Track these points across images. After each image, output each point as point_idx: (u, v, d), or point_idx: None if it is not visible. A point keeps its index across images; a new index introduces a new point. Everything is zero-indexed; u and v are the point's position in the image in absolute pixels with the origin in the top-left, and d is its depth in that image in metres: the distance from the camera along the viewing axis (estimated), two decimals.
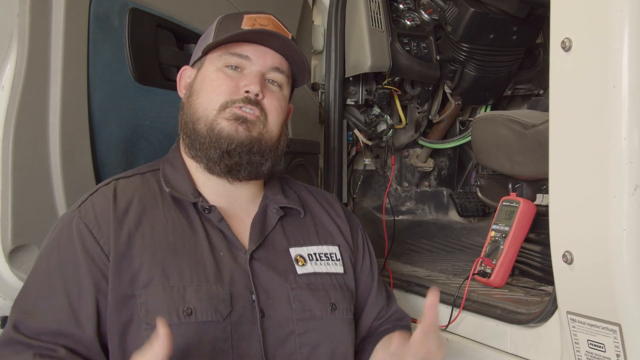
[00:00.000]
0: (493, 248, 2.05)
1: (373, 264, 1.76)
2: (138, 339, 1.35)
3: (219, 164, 1.51)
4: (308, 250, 1.61)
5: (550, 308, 1.59)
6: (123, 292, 1.39)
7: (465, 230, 3.28)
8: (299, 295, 1.52)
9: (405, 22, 2.89)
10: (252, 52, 1.56)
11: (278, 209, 1.62)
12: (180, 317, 1.37)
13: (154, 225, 1.47)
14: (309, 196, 1.75)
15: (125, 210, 1.47)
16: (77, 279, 1.39)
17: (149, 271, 1.40)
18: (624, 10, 1.24)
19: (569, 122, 1.39)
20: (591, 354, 1.42)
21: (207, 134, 1.51)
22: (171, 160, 1.62)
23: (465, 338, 1.92)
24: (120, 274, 1.39)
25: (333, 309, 1.54)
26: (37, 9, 1.66)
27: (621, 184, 1.26)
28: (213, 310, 1.40)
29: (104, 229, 1.42)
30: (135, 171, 1.60)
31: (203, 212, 1.52)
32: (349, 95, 2.84)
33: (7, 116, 1.63)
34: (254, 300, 1.45)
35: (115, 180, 1.55)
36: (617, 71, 1.26)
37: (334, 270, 1.62)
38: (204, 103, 1.53)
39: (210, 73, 1.56)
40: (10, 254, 1.63)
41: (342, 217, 1.74)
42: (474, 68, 2.90)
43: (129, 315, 1.39)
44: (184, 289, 1.40)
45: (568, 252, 1.40)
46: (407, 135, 3.26)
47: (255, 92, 1.52)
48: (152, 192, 1.53)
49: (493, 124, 2.24)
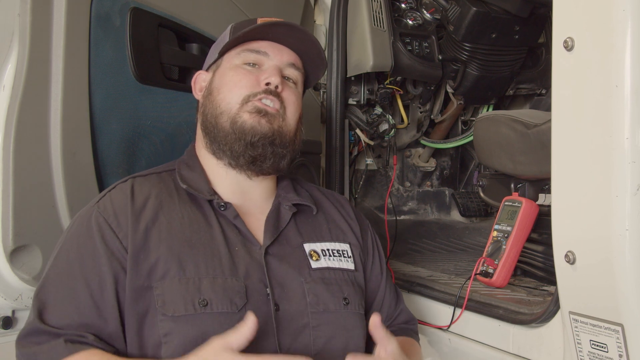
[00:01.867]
0: (495, 248, 2.04)
1: (382, 265, 1.79)
2: (154, 330, 1.39)
3: (244, 155, 1.54)
4: (321, 246, 1.64)
5: (552, 308, 1.59)
6: (140, 284, 1.41)
7: (467, 230, 3.28)
8: (314, 288, 1.54)
9: (407, 22, 2.88)
10: (270, 49, 1.60)
11: (291, 206, 1.64)
12: (196, 308, 1.40)
13: (171, 219, 1.50)
14: (320, 196, 1.78)
15: (142, 206, 1.50)
16: (98, 270, 1.41)
17: (166, 264, 1.43)
18: (627, 9, 1.24)
19: (571, 122, 1.39)
20: (594, 355, 1.42)
21: (230, 127, 1.54)
22: (186, 160, 1.65)
23: (467, 338, 1.92)
24: (137, 266, 1.42)
25: (346, 304, 1.57)
26: (38, 8, 1.66)
27: (624, 183, 1.26)
28: (228, 302, 1.42)
29: (122, 224, 1.45)
30: (152, 170, 1.63)
31: (218, 209, 1.55)
32: (351, 95, 2.84)
33: (8, 116, 1.63)
34: (269, 294, 1.48)
35: (132, 178, 1.58)
36: (620, 71, 1.25)
37: (345, 267, 1.65)
38: (226, 98, 1.57)
39: (228, 71, 1.60)
40: (11, 254, 1.64)
41: (352, 218, 1.77)
42: (476, 67, 2.90)
43: (145, 307, 1.41)
44: (199, 280, 1.43)
45: (570, 252, 1.40)
46: (409, 135, 3.27)
47: (275, 83, 1.56)
48: (168, 189, 1.57)
49: (495, 123, 2.23)
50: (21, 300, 1.70)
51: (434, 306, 2.06)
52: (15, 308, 1.73)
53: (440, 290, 2.08)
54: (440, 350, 2.00)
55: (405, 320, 1.80)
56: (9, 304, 1.70)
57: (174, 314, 1.39)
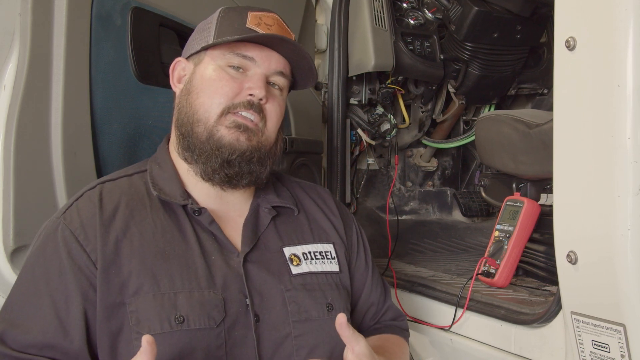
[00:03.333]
0: (497, 248, 2.04)
1: (368, 259, 1.73)
2: (129, 349, 1.32)
3: (219, 173, 1.46)
4: (302, 249, 1.57)
5: (554, 308, 1.59)
6: (112, 300, 1.34)
7: (469, 230, 3.28)
8: (295, 296, 1.48)
9: (409, 21, 2.88)
10: (258, 55, 1.50)
11: (270, 209, 1.58)
12: (172, 325, 1.34)
13: (142, 230, 1.42)
14: (302, 193, 1.71)
15: (112, 216, 1.42)
16: (64, 288, 1.34)
17: (139, 278, 1.36)
18: (629, 9, 1.23)
19: (573, 122, 1.38)
20: (595, 355, 1.41)
21: (206, 140, 1.45)
22: (159, 160, 1.56)
23: (468, 338, 1.92)
24: (108, 281, 1.35)
25: (329, 309, 1.51)
26: (39, 8, 1.66)
27: (626, 183, 1.26)
28: (206, 317, 1.37)
29: (90, 236, 1.37)
30: (122, 173, 1.55)
31: (193, 215, 1.48)
32: (352, 95, 2.83)
33: (9, 115, 1.62)
34: (248, 305, 1.42)
35: (101, 183, 1.49)
36: (622, 70, 1.25)
37: (329, 269, 1.59)
38: (204, 104, 1.47)
39: (211, 72, 1.49)
40: (12, 254, 1.63)
41: (335, 214, 1.71)
42: (478, 67, 2.90)
43: (119, 325, 1.35)
44: (175, 295, 1.37)
45: (572, 252, 1.40)
46: (410, 135, 3.26)
47: (260, 96, 1.47)
48: (139, 196, 1.48)
49: (497, 123, 2.23)
50: None
51: (436, 306, 2.06)
52: None
53: (442, 291, 2.08)
54: (442, 350, 2.00)
55: (392, 317, 1.75)
56: None
57: (149, 332, 1.29)
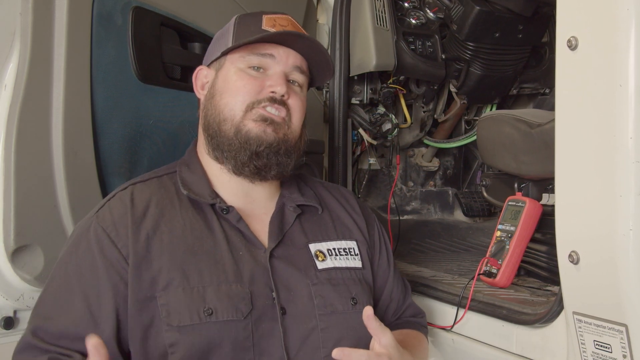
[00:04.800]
0: (499, 248, 2.04)
1: (390, 257, 1.79)
2: (160, 340, 1.39)
3: (248, 166, 1.52)
4: (327, 246, 1.63)
5: (556, 308, 1.58)
6: (143, 294, 1.40)
7: (470, 230, 3.27)
8: (320, 290, 1.53)
9: (411, 21, 2.87)
10: (276, 52, 1.57)
11: (295, 207, 1.64)
12: (201, 317, 1.39)
13: (172, 227, 1.48)
14: (325, 192, 1.77)
15: (142, 214, 1.48)
16: (96, 283, 1.40)
17: (169, 273, 1.42)
18: (630, 8, 1.23)
19: (575, 122, 1.38)
20: (597, 355, 1.41)
21: (234, 135, 1.52)
22: (187, 162, 1.63)
23: (470, 339, 1.91)
24: (140, 277, 1.41)
25: (354, 304, 1.56)
26: (40, 8, 1.66)
27: (628, 183, 1.25)
28: (234, 309, 1.42)
29: (122, 234, 1.43)
30: (152, 174, 1.61)
31: (221, 213, 1.54)
32: (354, 94, 2.83)
33: (9, 115, 1.63)
34: (274, 298, 1.47)
35: (132, 184, 1.56)
36: (624, 70, 1.25)
37: (352, 265, 1.64)
38: (229, 104, 1.53)
39: (232, 74, 1.56)
40: (13, 254, 1.64)
41: (358, 213, 1.76)
42: (480, 67, 2.89)
43: (150, 318, 1.40)
44: (204, 289, 1.42)
45: (574, 252, 1.40)
46: (412, 135, 3.26)
47: (281, 92, 1.53)
48: (169, 195, 1.55)
49: (499, 123, 2.23)
50: (23, 301, 1.70)
51: (437, 306, 2.05)
52: (17, 308, 1.73)
53: (444, 291, 2.07)
54: (444, 350, 2.00)
55: (413, 313, 1.81)
56: (10, 304, 1.70)
57: (179, 324, 1.38)
